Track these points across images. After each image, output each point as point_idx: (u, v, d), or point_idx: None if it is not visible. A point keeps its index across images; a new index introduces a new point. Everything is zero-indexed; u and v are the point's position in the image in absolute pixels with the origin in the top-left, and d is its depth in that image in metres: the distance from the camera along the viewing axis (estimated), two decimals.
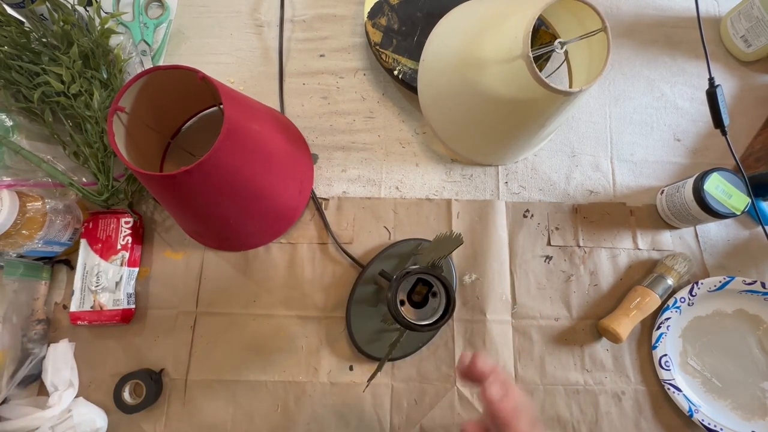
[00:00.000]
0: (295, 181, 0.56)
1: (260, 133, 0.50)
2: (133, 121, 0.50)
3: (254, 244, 0.58)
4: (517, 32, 0.45)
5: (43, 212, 0.51)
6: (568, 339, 0.56)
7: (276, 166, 0.53)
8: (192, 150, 0.60)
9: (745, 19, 0.63)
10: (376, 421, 0.53)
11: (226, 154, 0.45)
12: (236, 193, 0.49)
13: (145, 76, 0.47)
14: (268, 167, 0.52)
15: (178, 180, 0.44)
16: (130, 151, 0.49)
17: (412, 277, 0.32)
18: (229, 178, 0.47)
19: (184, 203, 0.50)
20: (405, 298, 0.34)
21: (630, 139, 0.63)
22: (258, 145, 0.49)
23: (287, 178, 0.55)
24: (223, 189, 0.48)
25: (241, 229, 0.55)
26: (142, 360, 0.54)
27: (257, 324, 0.56)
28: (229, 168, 0.46)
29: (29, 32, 0.54)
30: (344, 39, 0.66)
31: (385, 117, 0.63)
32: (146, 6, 0.67)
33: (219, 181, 0.47)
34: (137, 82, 0.47)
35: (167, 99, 0.53)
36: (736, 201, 0.54)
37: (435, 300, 0.32)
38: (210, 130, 0.61)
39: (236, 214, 0.52)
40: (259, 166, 0.50)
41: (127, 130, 0.49)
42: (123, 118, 0.48)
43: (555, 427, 0.53)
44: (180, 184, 0.45)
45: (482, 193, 0.61)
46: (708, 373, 0.55)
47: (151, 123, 0.54)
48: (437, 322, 0.32)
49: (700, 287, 0.56)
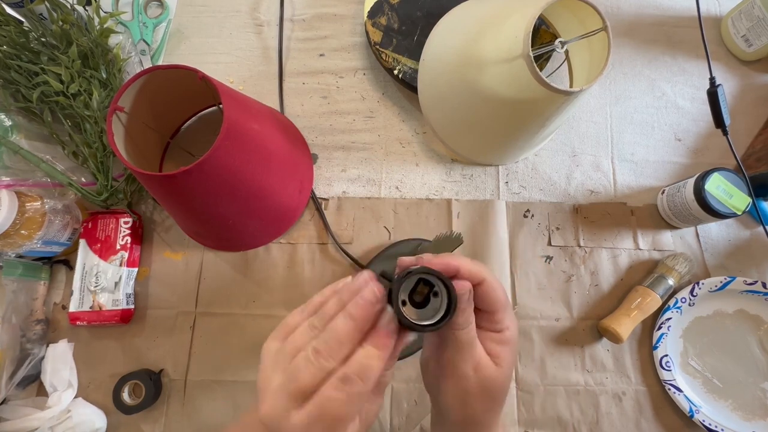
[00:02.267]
0: (295, 180, 0.56)
1: (260, 132, 0.50)
2: (132, 120, 0.50)
3: (254, 245, 0.58)
4: (517, 32, 0.45)
5: (42, 212, 0.51)
6: (568, 339, 0.56)
7: (276, 166, 0.53)
8: (191, 150, 0.60)
9: (746, 19, 0.63)
10: (375, 422, 0.53)
11: (225, 154, 0.45)
12: (236, 193, 0.49)
13: (144, 76, 0.47)
14: (268, 167, 0.51)
15: (177, 180, 0.44)
16: (129, 151, 0.49)
17: (414, 277, 0.32)
18: (229, 178, 0.47)
19: (183, 203, 0.50)
20: (406, 298, 0.34)
21: (631, 138, 0.63)
22: (258, 144, 0.49)
23: (287, 177, 0.55)
24: (223, 189, 0.48)
25: (241, 230, 0.55)
26: (142, 360, 0.54)
27: (257, 324, 0.55)
28: (228, 168, 0.46)
29: (28, 32, 0.54)
30: (344, 38, 0.66)
31: (385, 117, 0.63)
32: (145, 5, 0.66)
33: (218, 181, 0.46)
34: (136, 81, 0.47)
35: (167, 99, 0.53)
36: (737, 201, 0.53)
37: (436, 300, 0.32)
38: (210, 130, 0.61)
39: (236, 214, 0.52)
40: (258, 165, 0.50)
41: (126, 129, 0.49)
42: (122, 118, 0.48)
43: (555, 427, 0.53)
44: (179, 184, 0.45)
45: (482, 193, 0.60)
46: (709, 373, 0.55)
47: (150, 123, 0.53)
48: (439, 322, 0.31)
49: (701, 287, 0.56)
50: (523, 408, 0.54)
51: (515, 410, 0.54)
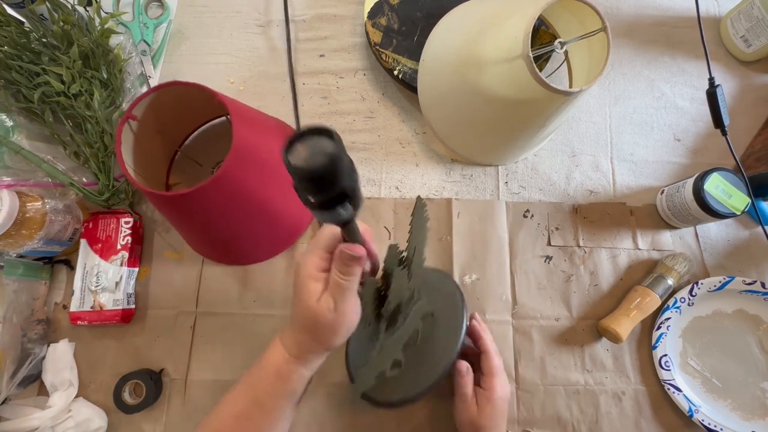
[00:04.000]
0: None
1: (268, 149, 0.49)
2: (142, 128, 0.50)
3: (259, 259, 0.57)
4: (517, 32, 0.45)
5: (43, 212, 0.51)
6: (568, 339, 0.56)
7: (283, 181, 0.52)
8: (198, 159, 0.59)
9: (745, 19, 0.63)
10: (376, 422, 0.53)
11: (234, 174, 0.44)
12: (244, 212, 0.49)
13: (160, 90, 0.47)
14: (276, 183, 0.51)
15: (184, 199, 0.43)
16: (137, 158, 0.49)
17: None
18: (238, 197, 0.47)
19: (189, 221, 0.49)
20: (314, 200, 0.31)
21: (630, 139, 0.63)
22: (266, 161, 0.49)
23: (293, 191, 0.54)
24: (231, 208, 0.47)
25: (247, 246, 0.55)
26: (142, 360, 0.54)
27: (257, 324, 0.55)
28: (237, 187, 0.46)
29: (29, 32, 0.54)
30: (344, 39, 0.66)
31: (385, 117, 0.63)
32: (146, 6, 0.67)
33: (227, 201, 0.46)
34: (152, 94, 0.47)
35: (177, 109, 0.53)
36: (736, 201, 0.54)
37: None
38: (217, 140, 0.60)
39: (243, 232, 0.51)
40: (267, 182, 0.49)
41: (135, 137, 0.49)
42: (133, 126, 0.48)
43: (555, 427, 0.53)
44: (187, 204, 0.45)
45: (482, 193, 0.61)
46: (708, 373, 0.55)
47: (159, 131, 0.53)
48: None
49: (700, 287, 0.56)
50: (523, 407, 0.54)
51: (515, 410, 0.54)
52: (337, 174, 0.26)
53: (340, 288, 0.36)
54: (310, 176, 0.26)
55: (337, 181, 0.27)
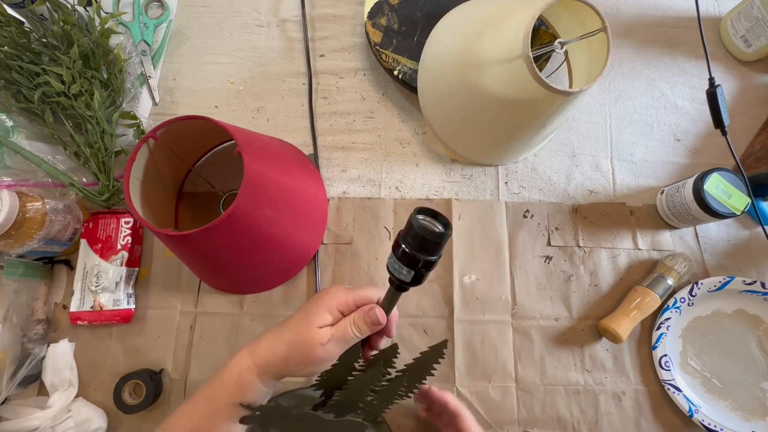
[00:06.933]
0: (311, 221, 0.55)
1: (280, 181, 0.49)
2: (158, 147, 0.50)
3: (265, 289, 0.57)
4: (517, 32, 0.45)
5: (43, 212, 0.51)
6: (568, 339, 0.56)
7: (295, 210, 0.52)
8: (210, 179, 0.59)
9: (745, 19, 0.63)
10: None
11: (244, 212, 0.44)
12: (255, 247, 0.48)
13: (169, 125, 0.48)
14: (287, 215, 0.50)
15: (194, 238, 0.43)
16: (149, 176, 0.50)
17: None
18: (250, 232, 0.46)
19: (199, 257, 0.49)
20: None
21: (630, 139, 0.63)
22: (277, 193, 0.48)
23: (305, 220, 0.54)
24: (242, 243, 0.47)
25: (254, 279, 0.55)
26: (142, 360, 0.54)
27: (257, 324, 0.56)
28: (247, 222, 0.45)
29: (29, 32, 0.54)
30: (344, 39, 0.66)
31: (385, 117, 0.63)
32: (146, 6, 0.67)
33: (237, 238, 0.46)
34: (175, 124, 0.48)
35: (190, 135, 0.53)
36: (736, 201, 0.54)
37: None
38: (230, 161, 0.60)
39: (252, 266, 0.51)
40: (278, 216, 0.49)
41: (150, 154, 0.50)
42: (150, 144, 0.49)
43: (555, 427, 0.53)
44: (196, 242, 0.44)
45: (482, 193, 0.61)
46: (708, 373, 0.55)
47: (174, 149, 0.53)
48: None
49: (700, 287, 0.56)
50: (523, 408, 0.54)
51: (515, 410, 0.54)
52: (441, 247, 0.34)
53: (344, 335, 0.38)
54: (426, 238, 0.33)
55: (438, 251, 0.34)
